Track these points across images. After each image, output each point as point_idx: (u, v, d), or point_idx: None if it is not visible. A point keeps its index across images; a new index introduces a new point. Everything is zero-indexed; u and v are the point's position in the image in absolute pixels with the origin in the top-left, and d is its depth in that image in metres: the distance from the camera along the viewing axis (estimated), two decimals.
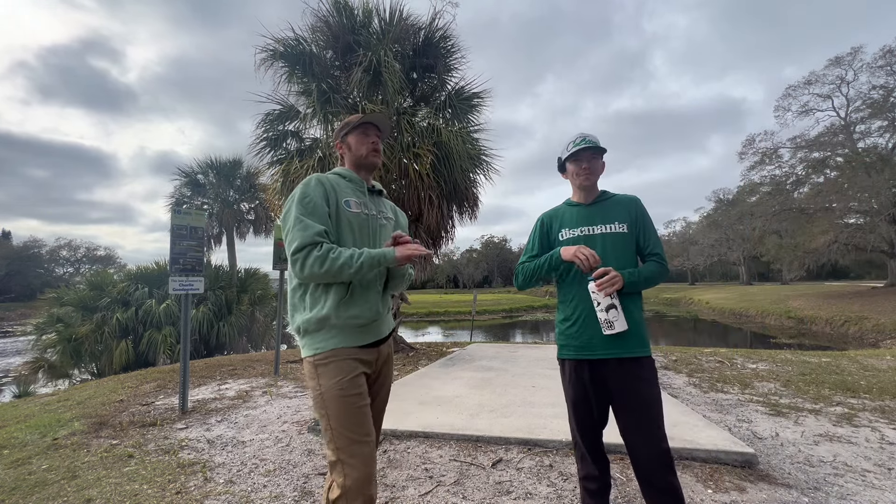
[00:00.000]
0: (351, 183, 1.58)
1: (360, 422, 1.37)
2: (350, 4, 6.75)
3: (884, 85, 20.22)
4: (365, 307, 1.48)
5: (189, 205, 17.85)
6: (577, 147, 1.77)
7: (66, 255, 51.41)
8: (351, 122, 1.64)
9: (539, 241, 1.91)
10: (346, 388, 1.37)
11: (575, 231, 1.80)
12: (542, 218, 1.95)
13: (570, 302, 1.77)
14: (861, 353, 7.11)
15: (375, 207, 1.63)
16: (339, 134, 1.67)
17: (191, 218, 4.03)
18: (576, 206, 1.87)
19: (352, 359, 1.43)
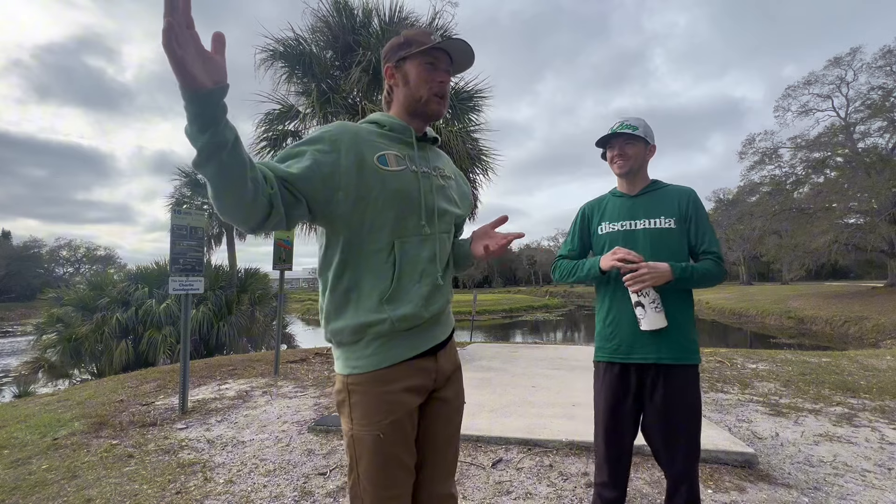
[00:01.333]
0: (391, 132, 1.12)
1: (393, 478, 1.05)
2: (350, 4, 6.75)
3: (883, 85, 20.21)
4: (419, 301, 1.07)
5: (189, 205, 17.85)
6: (609, 132, 1.65)
7: (66, 255, 51.44)
8: (415, 41, 1.11)
9: (579, 233, 1.79)
10: (386, 435, 1.03)
11: (615, 225, 1.66)
12: (584, 209, 1.82)
13: (604, 301, 1.66)
14: (861, 353, 7.11)
15: (429, 163, 1.17)
16: (394, 53, 1.14)
17: (191, 218, 4.03)
18: (620, 196, 1.72)
19: (399, 389, 1.06)
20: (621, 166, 1.65)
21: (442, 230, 1.16)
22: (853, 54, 21.76)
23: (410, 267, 1.08)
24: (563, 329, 22.80)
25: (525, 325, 23.78)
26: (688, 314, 1.58)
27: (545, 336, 19.79)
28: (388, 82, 1.18)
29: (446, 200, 1.18)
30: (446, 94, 1.15)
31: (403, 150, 1.12)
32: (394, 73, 1.15)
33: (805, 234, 21.46)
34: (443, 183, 1.19)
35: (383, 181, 1.04)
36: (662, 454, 1.55)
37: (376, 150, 1.06)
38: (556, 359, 6.11)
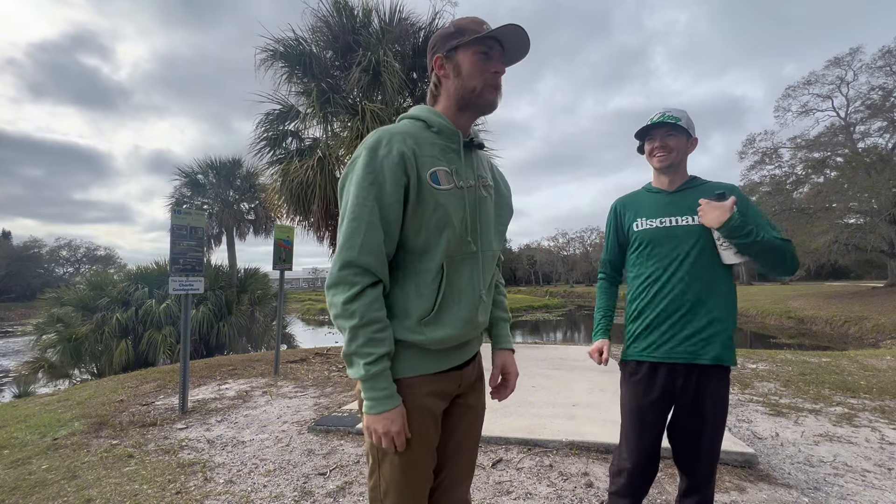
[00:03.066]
0: (438, 136, 1.05)
1: (414, 481, 1.04)
2: (350, 4, 6.75)
3: (883, 85, 20.22)
4: (459, 323, 1.04)
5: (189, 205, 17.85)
6: (649, 122, 1.55)
7: (66, 255, 51.42)
8: (467, 30, 1.05)
9: (615, 234, 1.70)
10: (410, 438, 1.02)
11: (653, 222, 1.55)
12: (616, 206, 1.71)
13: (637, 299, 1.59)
14: (861, 353, 7.11)
15: (473, 172, 1.10)
16: (443, 42, 1.07)
17: (191, 218, 4.03)
18: (656, 192, 1.62)
19: (424, 393, 1.04)
20: (662, 159, 1.55)
21: (485, 248, 1.11)
22: (853, 54, 21.78)
23: (454, 288, 1.04)
24: (563, 329, 22.79)
25: (525, 325, 23.78)
26: (730, 315, 1.50)
27: (545, 336, 19.79)
28: (437, 73, 1.10)
29: (488, 218, 1.13)
30: (500, 85, 1.08)
31: (452, 162, 1.06)
32: (444, 64, 1.08)
33: (805, 234, 21.46)
34: (486, 195, 1.13)
35: (437, 202, 1.00)
36: (685, 457, 1.53)
37: (428, 167, 1.01)
38: (556, 359, 6.11)
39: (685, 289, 1.47)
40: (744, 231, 1.39)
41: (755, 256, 1.43)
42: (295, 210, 6.79)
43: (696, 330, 1.46)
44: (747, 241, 1.39)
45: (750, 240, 1.39)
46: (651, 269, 1.54)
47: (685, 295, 1.47)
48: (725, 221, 1.39)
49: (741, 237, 1.39)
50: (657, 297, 1.52)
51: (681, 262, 1.49)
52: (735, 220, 1.38)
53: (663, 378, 1.50)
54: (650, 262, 1.55)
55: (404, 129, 1.04)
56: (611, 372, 5.21)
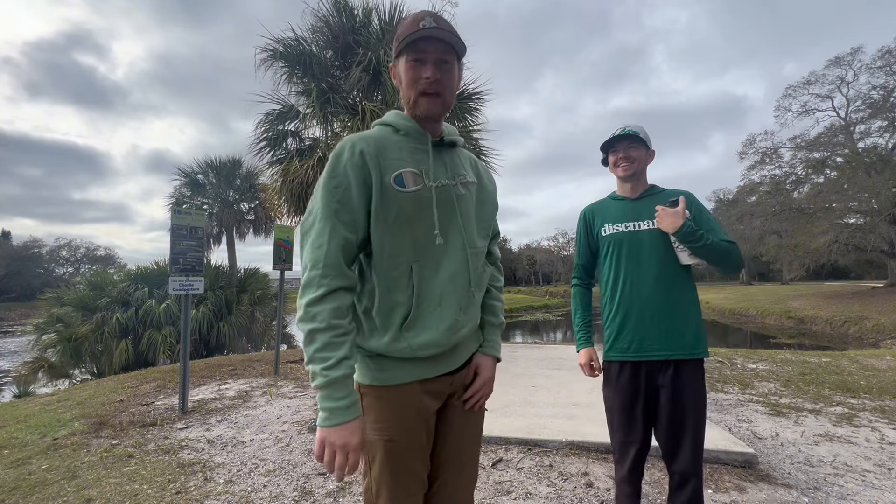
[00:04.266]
0: (406, 139, 1.05)
1: (404, 485, 1.03)
2: (350, 4, 6.75)
3: (883, 85, 20.22)
4: (441, 326, 1.02)
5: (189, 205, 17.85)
6: (613, 136, 1.69)
7: (66, 255, 51.42)
8: (399, 36, 1.05)
9: (586, 240, 1.82)
10: (398, 441, 1.01)
11: (619, 226, 1.69)
12: (584, 213, 1.86)
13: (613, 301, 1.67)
14: (861, 353, 7.11)
15: (447, 171, 1.08)
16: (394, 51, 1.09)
17: (191, 218, 4.03)
18: (620, 199, 1.76)
19: (414, 394, 1.04)
20: (626, 169, 1.68)
21: (464, 249, 1.08)
22: (853, 54, 21.77)
23: (429, 291, 1.02)
24: (563, 329, 22.80)
25: (525, 325, 23.78)
26: (694, 309, 1.62)
27: (545, 336, 19.79)
28: (395, 82, 1.11)
29: (467, 216, 1.09)
30: (440, 88, 1.02)
31: (421, 163, 1.04)
32: (394, 74, 1.10)
33: (805, 234, 21.47)
34: (464, 192, 1.10)
35: (401, 205, 0.99)
36: (668, 449, 1.58)
37: (392, 169, 1.00)
38: (556, 359, 6.11)
39: (654, 288, 1.60)
40: (695, 236, 1.53)
41: (705, 257, 1.57)
42: (295, 210, 6.79)
43: (669, 326, 1.57)
44: (698, 245, 1.54)
45: (700, 244, 1.53)
46: (622, 272, 1.65)
47: (655, 294, 1.59)
48: (679, 227, 1.53)
49: (692, 241, 1.54)
50: (630, 298, 1.63)
51: (648, 264, 1.61)
52: (687, 226, 1.53)
53: (644, 375, 1.60)
54: (620, 264, 1.66)
55: (372, 134, 1.04)
56: None
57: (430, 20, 1.02)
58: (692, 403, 1.54)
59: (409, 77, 1.03)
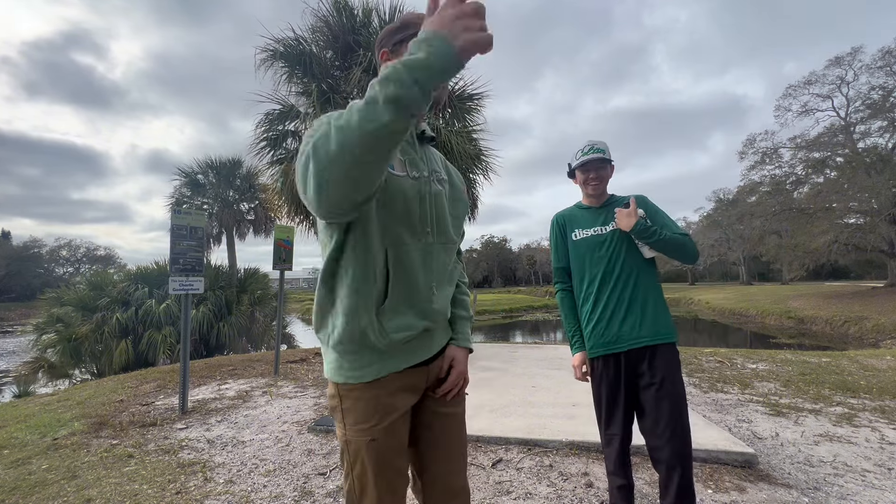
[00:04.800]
0: None
1: (387, 482, 1.04)
2: (350, 4, 6.75)
3: (883, 85, 20.21)
4: (412, 318, 1.05)
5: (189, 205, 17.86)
6: (585, 157, 1.85)
7: (66, 255, 51.42)
8: (412, 24, 1.05)
9: (563, 243, 1.98)
10: (380, 440, 1.03)
11: (588, 231, 1.88)
12: (557, 219, 2.02)
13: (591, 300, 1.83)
14: (861, 353, 7.11)
15: (427, 165, 1.11)
16: (389, 37, 1.09)
17: (191, 218, 4.03)
18: (587, 208, 1.96)
19: (392, 391, 1.05)
20: (595, 188, 1.88)
21: (439, 241, 1.10)
22: (853, 54, 21.77)
23: (405, 277, 1.03)
24: (563, 329, 22.77)
25: (525, 325, 23.78)
26: (660, 299, 1.79)
27: (545, 336, 19.79)
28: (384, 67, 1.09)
29: (442, 209, 1.12)
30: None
31: (406, 153, 1.06)
32: (390, 58, 1.08)
33: (805, 234, 21.47)
34: (440, 188, 1.13)
35: (389, 185, 0.99)
36: (657, 438, 1.64)
37: None
38: (556, 359, 6.11)
39: (624, 283, 1.77)
40: (648, 231, 1.73)
41: (662, 250, 1.75)
42: (295, 210, 6.79)
43: (639, 316, 1.73)
44: (653, 240, 1.73)
45: (655, 238, 1.73)
46: (594, 271, 1.82)
47: (625, 289, 1.76)
48: (633, 225, 1.73)
49: (647, 237, 1.74)
50: (602, 295, 1.79)
51: (615, 262, 1.79)
52: (640, 224, 1.73)
53: (624, 366, 1.74)
54: (591, 265, 1.83)
55: None
56: None
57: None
58: (672, 386, 1.65)
59: None
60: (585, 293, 1.86)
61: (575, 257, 1.91)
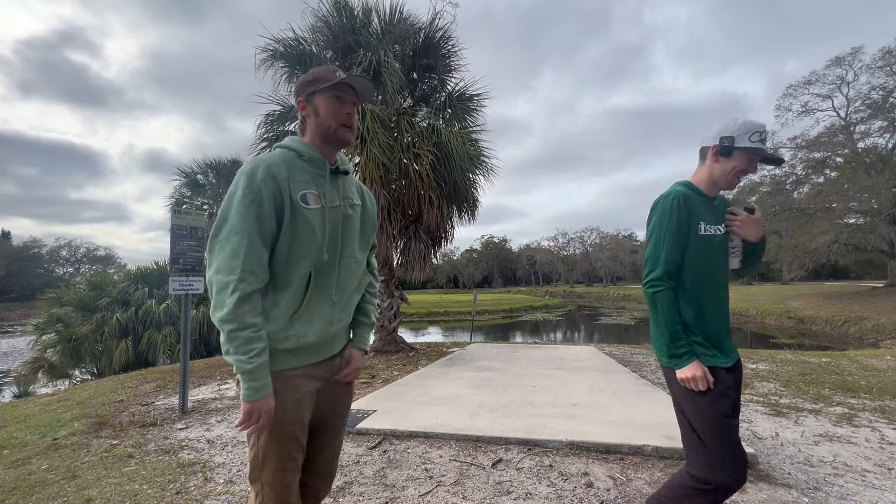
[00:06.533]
0: (309, 164, 1.25)
1: (288, 451, 1.21)
2: (350, 4, 6.75)
3: (883, 85, 20.23)
4: (319, 324, 1.24)
5: (189, 205, 17.86)
6: (761, 145, 1.47)
7: (66, 255, 51.48)
8: (322, 78, 1.24)
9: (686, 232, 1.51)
10: (284, 415, 1.18)
11: (711, 228, 1.52)
12: (680, 199, 1.52)
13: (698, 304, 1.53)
14: (861, 353, 7.11)
15: (339, 194, 1.31)
16: (304, 88, 1.27)
17: (191, 218, 4.03)
18: (703, 196, 1.57)
19: (299, 377, 1.23)
20: (737, 183, 1.57)
21: (346, 256, 1.31)
22: (854, 54, 21.79)
23: (318, 291, 1.24)
24: (563, 329, 22.80)
25: (525, 325, 23.78)
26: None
27: (545, 336, 19.79)
28: (301, 114, 1.30)
29: (352, 231, 1.34)
30: (353, 124, 1.29)
31: (320, 186, 1.25)
32: (305, 106, 1.28)
33: (805, 234, 21.48)
34: (351, 213, 1.33)
35: (302, 218, 1.19)
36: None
37: (299, 189, 1.19)
38: (556, 359, 6.11)
39: (724, 293, 1.57)
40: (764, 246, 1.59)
41: (752, 264, 1.62)
42: None
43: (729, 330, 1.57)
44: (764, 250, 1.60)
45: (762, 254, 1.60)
46: (714, 276, 1.54)
47: (726, 300, 1.58)
48: (762, 236, 1.56)
49: (762, 248, 1.59)
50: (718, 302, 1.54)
51: (720, 268, 1.56)
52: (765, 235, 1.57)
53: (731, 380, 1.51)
54: (712, 268, 1.53)
55: (279, 157, 1.22)
56: (611, 372, 5.21)
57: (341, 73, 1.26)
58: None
59: (331, 109, 1.25)
60: (699, 298, 1.51)
61: (698, 254, 1.51)
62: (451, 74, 7.43)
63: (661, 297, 1.49)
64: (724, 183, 1.54)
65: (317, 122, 1.26)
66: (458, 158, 6.58)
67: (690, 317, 1.51)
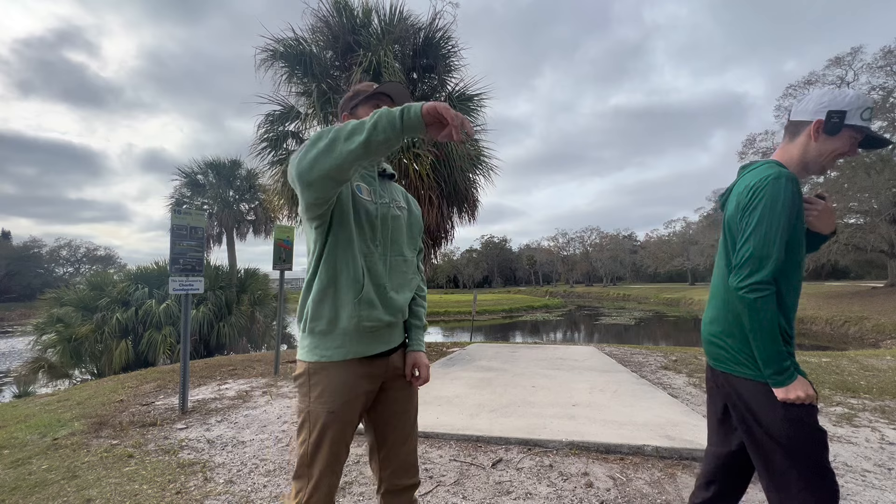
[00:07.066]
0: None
1: (336, 453, 1.25)
2: (350, 4, 6.75)
3: (883, 85, 20.24)
4: (380, 306, 1.30)
5: (189, 205, 17.87)
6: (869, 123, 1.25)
7: (66, 255, 51.42)
8: (361, 92, 1.38)
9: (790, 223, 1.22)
10: (337, 413, 1.23)
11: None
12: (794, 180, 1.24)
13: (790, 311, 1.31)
14: (861, 353, 7.11)
15: (387, 195, 1.41)
16: (347, 104, 1.42)
17: (191, 218, 4.03)
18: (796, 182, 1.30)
19: (354, 375, 1.27)
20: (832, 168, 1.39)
21: (395, 254, 1.38)
22: (854, 54, 21.79)
23: (375, 279, 1.30)
24: (563, 329, 22.80)
25: (525, 325, 23.78)
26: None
27: (545, 336, 19.80)
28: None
29: (399, 230, 1.41)
30: None
31: (371, 183, 1.37)
32: (349, 118, 1.40)
33: None
34: (398, 213, 1.42)
35: (358, 205, 1.29)
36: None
37: (355, 182, 1.32)
38: (556, 359, 6.11)
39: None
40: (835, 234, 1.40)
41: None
42: (295, 211, 6.79)
43: None
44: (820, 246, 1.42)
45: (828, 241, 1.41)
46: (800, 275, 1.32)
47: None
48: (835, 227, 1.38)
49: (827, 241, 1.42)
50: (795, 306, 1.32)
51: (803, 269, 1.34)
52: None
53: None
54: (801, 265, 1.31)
55: None
56: (611, 372, 5.22)
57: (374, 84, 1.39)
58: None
59: None
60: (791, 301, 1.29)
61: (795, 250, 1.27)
62: (451, 74, 7.43)
63: (766, 304, 1.22)
64: (817, 167, 1.30)
65: None
66: (457, 158, 6.59)
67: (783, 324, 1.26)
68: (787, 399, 1.22)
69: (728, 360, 1.36)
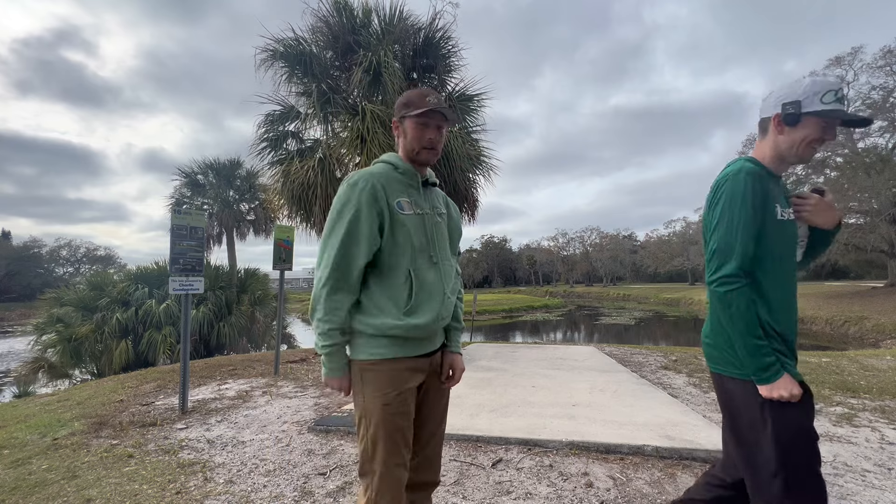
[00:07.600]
0: (403, 176, 1.41)
1: (396, 446, 1.31)
2: (350, 4, 6.75)
3: (883, 85, 20.24)
4: (429, 316, 1.36)
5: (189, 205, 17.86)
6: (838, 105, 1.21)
7: (66, 255, 51.40)
8: (413, 105, 1.39)
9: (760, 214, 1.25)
10: (392, 405, 1.30)
11: (787, 212, 1.29)
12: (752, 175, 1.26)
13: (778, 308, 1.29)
14: (861, 353, 7.11)
15: (429, 203, 1.47)
16: (398, 111, 1.44)
17: (191, 218, 4.03)
18: (775, 178, 1.34)
19: (403, 369, 1.35)
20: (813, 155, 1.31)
21: (442, 259, 1.45)
22: (854, 54, 21.78)
23: (424, 288, 1.37)
24: (563, 329, 22.80)
25: (525, 325, 23.78)
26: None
27: (545, 336, 19.79)
28: (395, 132, 1.48)
29: (443, 235, 1.49)
30: (436, 146, 1.43)
31: (412, 194, 1.42)
32: (398, 126, 1.46)
33: None
34: (439, 220, 1.49)
35: (402, 223, 1.35)
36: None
37: (395, 197, 1.36)
38: (556, 359, 6.11)
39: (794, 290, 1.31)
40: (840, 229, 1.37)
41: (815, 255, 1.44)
42: (296, 211, 6.79)
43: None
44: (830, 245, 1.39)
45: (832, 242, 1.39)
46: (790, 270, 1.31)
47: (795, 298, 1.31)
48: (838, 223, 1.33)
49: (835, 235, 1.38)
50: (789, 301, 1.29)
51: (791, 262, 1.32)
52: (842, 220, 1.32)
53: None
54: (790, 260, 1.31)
55: (377, 170, 1.39)
56: (611, 372, 5.22)
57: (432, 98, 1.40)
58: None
59: (416, 135, 1.40)
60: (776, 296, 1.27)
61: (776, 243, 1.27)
62: (451, 74, 7.43)
63: (738, 297, 1.22)
64: (793, 157, 1.30)
65: (405, 143, 1.44)
66: (458, 158, 6.58)
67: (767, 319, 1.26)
68: (771, 397, 1.20)
69: (717, 359, 1.36)
